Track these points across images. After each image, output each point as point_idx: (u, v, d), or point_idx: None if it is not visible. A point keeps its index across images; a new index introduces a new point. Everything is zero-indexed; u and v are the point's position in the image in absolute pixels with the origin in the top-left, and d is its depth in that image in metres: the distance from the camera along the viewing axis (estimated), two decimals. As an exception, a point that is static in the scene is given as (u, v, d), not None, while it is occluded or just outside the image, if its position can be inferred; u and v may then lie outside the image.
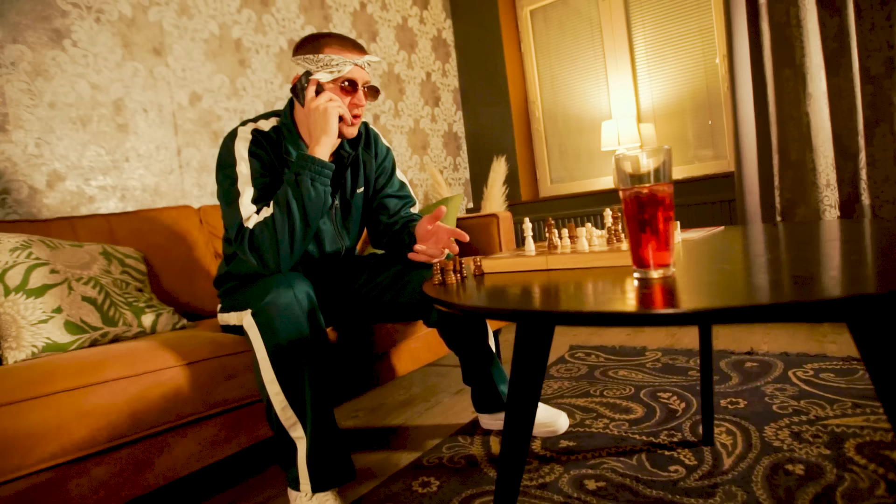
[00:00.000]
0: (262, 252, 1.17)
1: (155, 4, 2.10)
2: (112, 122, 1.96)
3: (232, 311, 1.29)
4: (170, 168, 2.12)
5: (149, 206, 2.05)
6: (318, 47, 1.26)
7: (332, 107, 1.22)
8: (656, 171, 0.67)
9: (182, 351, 1.16)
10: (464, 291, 0.80)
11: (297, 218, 1.17)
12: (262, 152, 1.26)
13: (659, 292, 0.61)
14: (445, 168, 3.50)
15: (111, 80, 1.96)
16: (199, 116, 2.22)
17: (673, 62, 3.05)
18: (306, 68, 1.26)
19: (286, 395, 1.11)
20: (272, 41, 2.51)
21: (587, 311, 0.57)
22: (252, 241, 1.16)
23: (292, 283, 1.15)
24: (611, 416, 1.57)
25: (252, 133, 1.27)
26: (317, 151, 1.21)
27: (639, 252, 0.68)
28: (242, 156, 1.23)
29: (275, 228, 1.16)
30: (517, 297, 0.72)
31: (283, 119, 1.32)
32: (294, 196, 1.17)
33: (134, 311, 1.39)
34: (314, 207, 1.19)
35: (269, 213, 1.17)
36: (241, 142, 1.25)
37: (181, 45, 2.17)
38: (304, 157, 1.20)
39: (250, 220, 1.18)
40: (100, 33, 1.94)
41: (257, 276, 1.30)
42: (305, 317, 1.13)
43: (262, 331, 1.11)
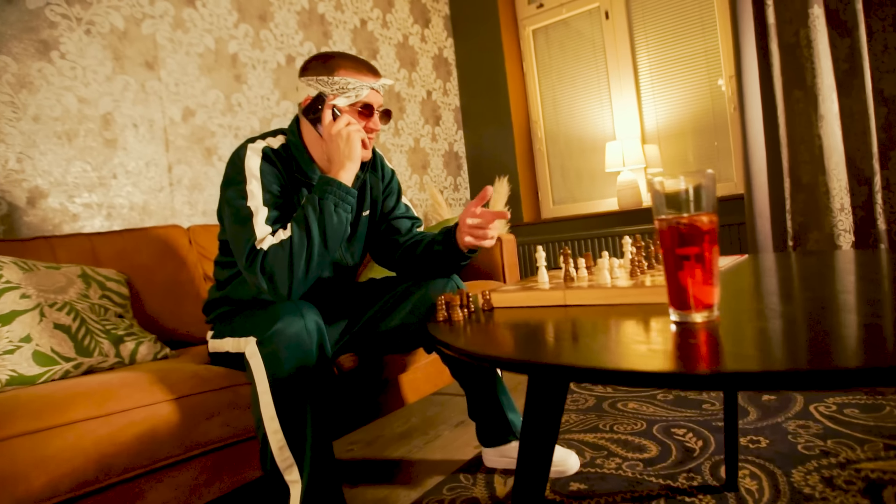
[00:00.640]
0: (275, 276, 1.08)
1: (149, 17, 2.03)
2: (100, 136, 1.88)
3: (229, 337, 1.19)
4: (159, 185, 2.04)
5: (136, 224, 1.96)
6: (331, 68, 1.21)
7: (355, 132, 1.18)
8: (698, 197, 0.58)
9: (161, 386, 1.06)
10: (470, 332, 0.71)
11: (317, 243, 1.10)
12: (275, 171, 1.20)
13: (705, 343, 0.51)
14: (446, 188, 3.43)
15: (100, 93, 1.89)
16: (192, 132, 2.15)
17: (678, 83, 3.00)
18: (318, 90, 1.21)
19: (286, 433, 1.02)
20: (269, 57, 2.45)
21: (614, 368, 0.48)
22: (265, 264, 1.08)
23: (302, 311, 1.07)
24: (623, 455, 1.46)
25: (265, 150, 1.20)
26: (340, 176, 1.17)
27: (678, 291, 0.59)
28: (254, 174, 1.16)
29: (291, 252, 1.08)
30: (529, 342, 0.63)
31: (291, 138, 1.27)
32: (315, 220, 1.11)
33: (112, 340, 1.29)
34: (335, 234, 1.13)
35: (287, 236, 1.09)
36: (253, 159, 1.18)
37: (175, 59, 2.10)
38: (328, 181, 1.14)
39: (265, 241, 1.10)
40: (90, 45, 1.87)
41: (258, 302, 1.22)
42: (314, 349, 1.05)
43: (266, 362, 1.03)
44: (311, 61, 1.23)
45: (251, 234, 1.10)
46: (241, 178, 1.16)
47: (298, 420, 1.02)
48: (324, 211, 1.11)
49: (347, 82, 1.19)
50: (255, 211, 1.12)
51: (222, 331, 1.23)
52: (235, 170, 1.17)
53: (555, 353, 0.56)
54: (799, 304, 0.65)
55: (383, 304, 1.37)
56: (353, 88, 1.19)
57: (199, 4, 2.20)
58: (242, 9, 2.36)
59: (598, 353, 0.54)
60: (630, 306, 0.75)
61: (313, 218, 1.10)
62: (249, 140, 1.24)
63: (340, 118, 1.18)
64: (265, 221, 1.12)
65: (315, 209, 1.11)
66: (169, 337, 1.67)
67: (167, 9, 2.09)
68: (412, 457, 1.64)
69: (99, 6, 1.90)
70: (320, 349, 1.06)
